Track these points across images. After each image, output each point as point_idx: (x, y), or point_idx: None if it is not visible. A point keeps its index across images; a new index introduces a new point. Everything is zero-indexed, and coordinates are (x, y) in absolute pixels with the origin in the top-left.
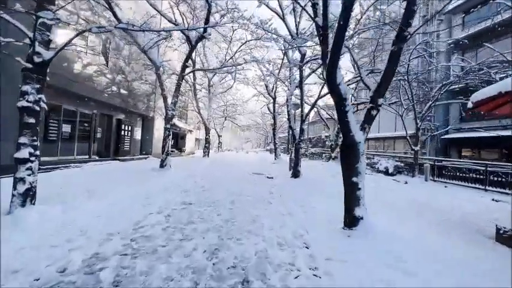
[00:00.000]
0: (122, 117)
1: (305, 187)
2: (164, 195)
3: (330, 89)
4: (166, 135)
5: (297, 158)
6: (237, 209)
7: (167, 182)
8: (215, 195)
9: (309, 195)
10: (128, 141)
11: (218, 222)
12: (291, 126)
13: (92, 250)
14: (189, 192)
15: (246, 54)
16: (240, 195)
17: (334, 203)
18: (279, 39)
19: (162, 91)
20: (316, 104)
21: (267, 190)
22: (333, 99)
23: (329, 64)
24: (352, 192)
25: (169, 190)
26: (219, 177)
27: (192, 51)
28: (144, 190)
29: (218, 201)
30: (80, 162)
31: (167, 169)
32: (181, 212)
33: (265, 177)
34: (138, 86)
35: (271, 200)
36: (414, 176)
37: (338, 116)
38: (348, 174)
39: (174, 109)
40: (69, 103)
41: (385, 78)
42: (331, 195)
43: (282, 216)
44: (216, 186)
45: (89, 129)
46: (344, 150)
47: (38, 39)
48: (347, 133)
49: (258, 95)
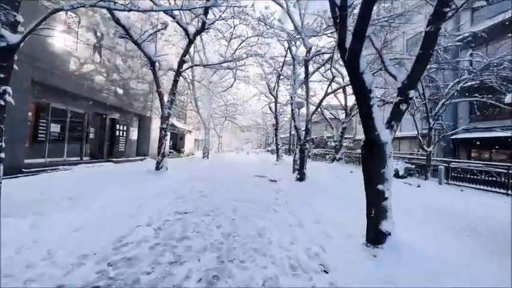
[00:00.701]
0: (116, 117)
1: (312, 192)
2: (157, 202)
3: (351, 79)
4: (162, 136)
5: (302, 159)
6: (240, 218)
7: (162, 186)
8: (214, 201)
9: (318, 202)
10: (123, 142)
11: (218, 237)
12: (296, 125)
13: (52, 283)
14: (186, 199)
15: (247, 51)
16: (242, 202)
17: (348, 211)
18: (282, 34)
19: (158, 88)
20: (321, 103)
21: (272, 195)
22: (354, 92)
23: (350, 49)
24: (377, 202)
25: (163, 196)
26: (219, 181)
27: (190, 45)
28: (135, 196)
29: (218, 209)
30: (70, 164)
31: (163, 172)
32: (174, 224)
33: (268, 180)
34: (135, 84)
35: (277, 207)
36: (427, 179)
37: (360, 110)
38: (371, 180)
39: (171, 107)
40: (58, 101)
41: (418, 65)
42: (343, 201)
43: (291, 228)
44: (216, 191)
45: (81, 129)
46: (367, 152)
47: (1, 20)
48: (371, 132)
49: (259, 95)
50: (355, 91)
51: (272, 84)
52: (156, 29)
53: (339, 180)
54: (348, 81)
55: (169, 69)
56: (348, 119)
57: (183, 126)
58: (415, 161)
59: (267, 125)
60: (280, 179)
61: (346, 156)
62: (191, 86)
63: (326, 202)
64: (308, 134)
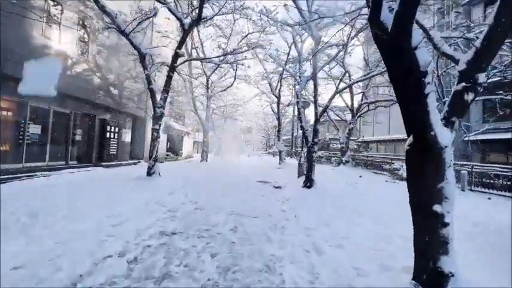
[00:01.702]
0: (107, 117)
1: (324, 202)
2: (140, 218)
3: (394, 60)
4: (154, 137)
5: (310, 163)
6: (241, 242)
7: (151, 197)
8: (211, 216)
9: (334, 215)
10: (115, 145)
11: (211, 274)
12: (303, 126)
13: None
14: (176, 213)
15: (248, 49)
16: (243, 217)
17: (373, 228)
18: (286, 28)
19: (149, 84)
20: (332, 100)
21: (277, 206)
22: (396, 78)
23: (399, 14)
24: (432, 230)
25: (150, 210)
26: (217, 188)
27: (186, 36)
28: (115, 212)
29: (215, 227)
30: (52, 170)
31: (155, 178)
32: (157, 252)
33: (272, 187)
34: (128, 82)
35: (286, 224)
36: None
37: (408, 100)
38: (422, 198)
39: (164, 106)
40: (38, 100)
41: (492, 41)
42: (362, 214)
43: (307, 256)
44: (213, 201)
45: (66, 131)
46: (416, 160)
47: None
48: (423, 131)
49: (260, 95)
50: (401, 76)
51: (274, 83)
52: (145, 16)
53: (351, 188)
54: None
55: (163, 63)
56: (354, 120)
57: (181, 127)
58: None
59: (268, 126)
60: (285, 185)
61: (352, 158)
62: (188, 84)
63: (343, 215)
64: (316, 136)
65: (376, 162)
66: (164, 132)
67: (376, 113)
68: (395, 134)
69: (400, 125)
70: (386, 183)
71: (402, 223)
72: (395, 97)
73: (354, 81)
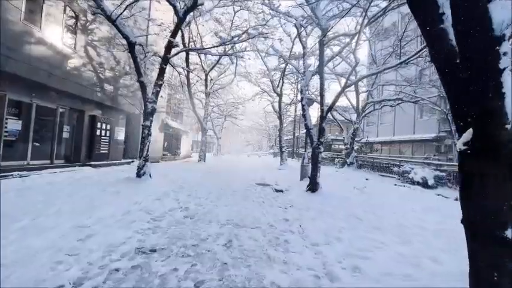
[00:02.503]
0: (97, 114)
1: (331, 209)
2: (116, 229)
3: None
4: (145, 135)
5: (315, 165)
6: (235, 263)
7: (135, 202)
8: (201, 227)
9: (345, 227)
10: (106, 143)
11: None
12: (307, 124)
13: None
14: (161, 223)
15: (249, 37)
16: (240, 228)
17: (393, 245)
18: (291, 20)
19: (139, 77)
20: (340, 95)
21: (279, 214)
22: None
23: None
24: (500, 263)
25: (130, 218)
26: (212, 192)
27: (180, 24)
28: (88, 219)
29: (204, 241)
30: (34, 169)
31: (145, 180)
32: (123, 280)
33: (273, 190)
34: (122, 77)
35: (290, 237)
36: None
37: (470, 78)
38: (484, 217)
39: (156, 101)
40: (18, 92)
41: None
42: (379, 227)
43: (317, 285)
44: (206, 208)
45: (52, 128)
46: (477, 164)
47: None
48: (492, 123)
49: (261, 93)
50: (463, 41)
51: (276, 81)
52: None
53: (360, 192)
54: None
55: (155, 53)
56: (359, 120)
57: (179, 126)
58: (446, 167)
59: (269, 126)
60: (288, 189)
61: (356, 160)
62: (183, 77)
63: (354, 227)
64: (322, 135)
65: (383, 164)
66: (161, 130)
67: (380, 114)
68: (401, 135)
69: (406, 126)
70: (396, 187)
71: (428, 240)
72: (439, 76)
73: (364, 75)
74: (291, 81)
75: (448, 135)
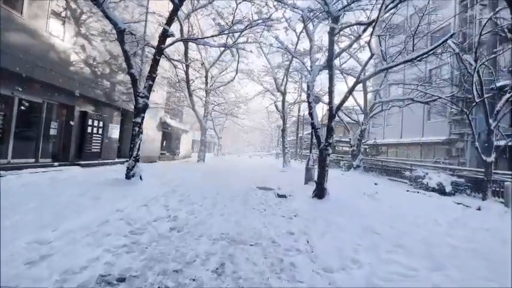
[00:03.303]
0: (89, 110)
1: (343, 220)
2: (84, 246)
3: None
4: (136, 133)
5: (323, 169)
6: None
7: (117, 209)
8: (189, 244)
9: (362, 245)
10: (98, 141)
11: None
12: (314, 123)
13: None
14: (141, 237)
15: (251, 25)
16: (236, 245)
17: (424, 272)
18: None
19: (129, 68)
20: (352, 91)
21: (283, 226)
22: None
23: None
24: None
25: (104, 231)
26: (208, 197)
27: (176, 11)
28: (52, 233)
29: (189, 266)
30: (15, 169)
31: (135, 182)
32: None
33: (276, 195)
34: (116, 71)
35: (296, 259)
36: (486, 199)
37: None
38: None
39: (148, 96)
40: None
41: None
42: (402, 245)
43: None
44: (199, 217)
45: (37, 124)
46: None
47: None
48: None
49: (264, 92)
50: None
51: (279, 79)
52: None
53: (371, 200)
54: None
55: (147, 44)
56: (366, 121)
57: (178, 125)
58: (464, 172)
59: (271, 126)
60: (291, 194)
61: (364, 162)
62: (180, 69)
63: (373, 245)
64: (331, 135)
65: (393, 167)
66: (159, 129)
67: (387, 115)
68: (409, 137)
69: (414, 128)
70: (409, 193)
71: (465, 264)
72: None
73: (384, 68)
74: (295, 80)
75: (460, 137)
